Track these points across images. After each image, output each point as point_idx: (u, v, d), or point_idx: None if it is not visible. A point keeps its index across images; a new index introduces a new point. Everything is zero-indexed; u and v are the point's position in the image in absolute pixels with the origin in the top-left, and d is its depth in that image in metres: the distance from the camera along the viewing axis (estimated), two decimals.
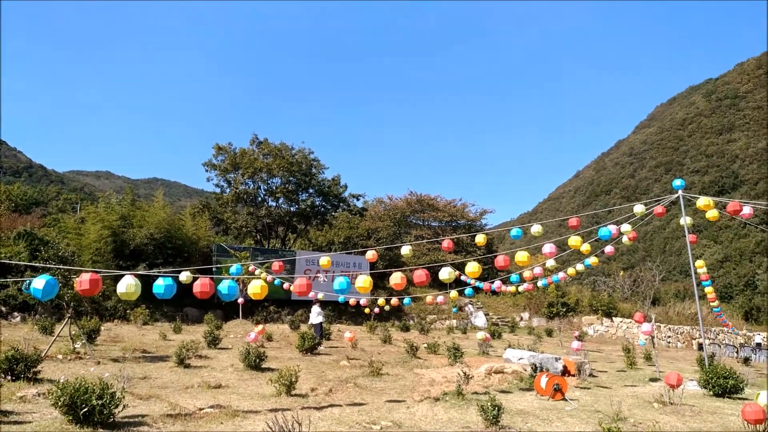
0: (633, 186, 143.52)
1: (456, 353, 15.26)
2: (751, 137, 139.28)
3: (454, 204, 45.27)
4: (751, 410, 8.10)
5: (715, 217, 15.11)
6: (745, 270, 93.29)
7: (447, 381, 12.25)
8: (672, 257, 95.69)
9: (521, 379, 12.98)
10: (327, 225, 37.79)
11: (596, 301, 34.09)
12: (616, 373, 16.53)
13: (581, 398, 11.37)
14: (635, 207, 16.29)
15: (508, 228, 15.82)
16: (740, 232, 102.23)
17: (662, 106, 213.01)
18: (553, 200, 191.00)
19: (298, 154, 34.54)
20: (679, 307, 37.15)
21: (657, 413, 10.09)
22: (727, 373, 12.49)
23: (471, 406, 9.52)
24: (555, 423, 8.91)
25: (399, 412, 9.23)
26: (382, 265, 32.71)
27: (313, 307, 18.90)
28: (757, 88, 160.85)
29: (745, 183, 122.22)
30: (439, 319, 31.63)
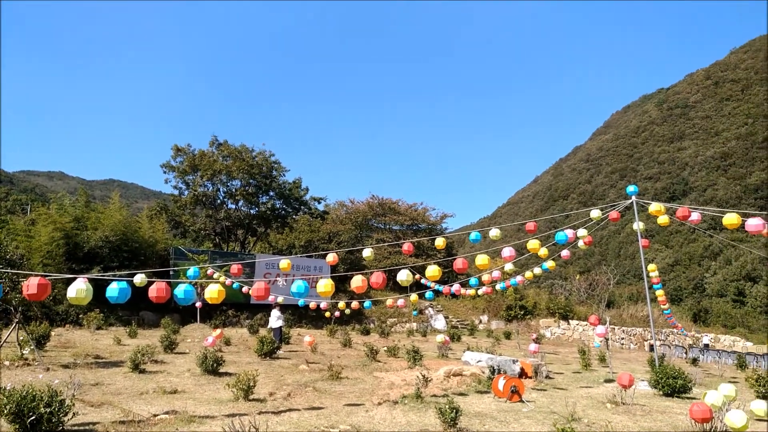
0: (590, 191, 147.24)
1: (415, 356, 15.34)
2: (699, 146, 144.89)
3: (415, 208, 45.56)
4: (698, 409, 8.40)
5: (665, 223, 15.64)
6: (694, 273, 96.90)
7: (406, 384, 12.29)
8: (626, 261, 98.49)
9: (479, 381, 13.13)
10: (288, 228, 37.48)
11: (553, 304, 34.81)
12: (571, 374, 16.89)
13: (538, 400, 11.58)
14: (591, 212, 16.71)
15: (468, 231, 15.98)
16: (690, 237, 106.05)
17: (617, 114, 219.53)
18: (512, 205, 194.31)
19: (258, 157, 34.16)
20: (633, 309, 38.31)
21: (610, 413, 10.36)
22: (676, 373, 12.93)
23: (430, 408, 9.58)
24: (512, 424, 9.05)
25: (358, 415, 9.21)
26: (343, 268, 32.66)
27: (273, 311, 18.70)
28: (706, 99, 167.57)
29: (694, 189, 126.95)
30: (400, 322, 31.74)
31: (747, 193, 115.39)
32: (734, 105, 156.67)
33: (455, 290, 19.36)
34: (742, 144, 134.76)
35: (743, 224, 11.76)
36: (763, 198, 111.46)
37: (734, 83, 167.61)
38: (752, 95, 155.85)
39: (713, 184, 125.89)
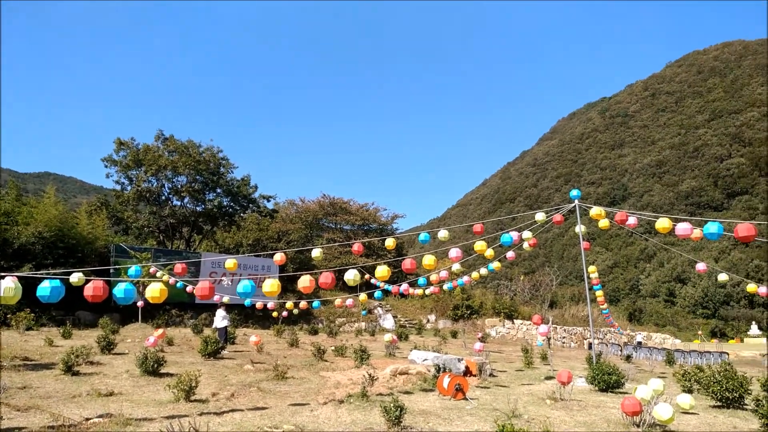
0: (536, 195, 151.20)
1: (362, 355, 15.37)
2: (638, 153, 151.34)
3: (366, 208, 45.59)
4: (629, 403, 8.79)
5: (606, 226, 16.23)
6: (631, 275, 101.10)
7: (353, 383, 12.30)
8: (569, 263, 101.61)
9: (425, 379, 13.27)
10: (235, 226, 36.80)
11: (499, 304, 35.52)
12: (514, 372, 17.30)
13: (481, 397, 11.80)
14: (536, 215, 17.17)
15: (418, 232, 16.14)
16: (627, 241, 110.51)
17: (563, 121, 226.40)
18: (461, 206, 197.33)
19: (206, 152, 33.39)
20: (574, 309, 39.54)
21: (549, 409, 10.68)
22: (611, 370, 13.46)
23: (375, 407, 9.62)
24: (455, 422, 9.19)
25: (302, 415, 9.16)
26: (292, 268, 32.32)
27: (218, 310, 18.34)
28: (644, 109, 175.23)
29: (632, 195, 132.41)
30: (349, 322, 31.71)
31: (679, 200, 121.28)
32: (669, 116, 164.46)
33: (404, 290, 19.50)
34: (675, 153, 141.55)
35: (674, 228, 12.35)
36: (693, 204, 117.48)
37: (669, 95, 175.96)
38: (685, 107, 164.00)
39: (649, 190, 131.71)
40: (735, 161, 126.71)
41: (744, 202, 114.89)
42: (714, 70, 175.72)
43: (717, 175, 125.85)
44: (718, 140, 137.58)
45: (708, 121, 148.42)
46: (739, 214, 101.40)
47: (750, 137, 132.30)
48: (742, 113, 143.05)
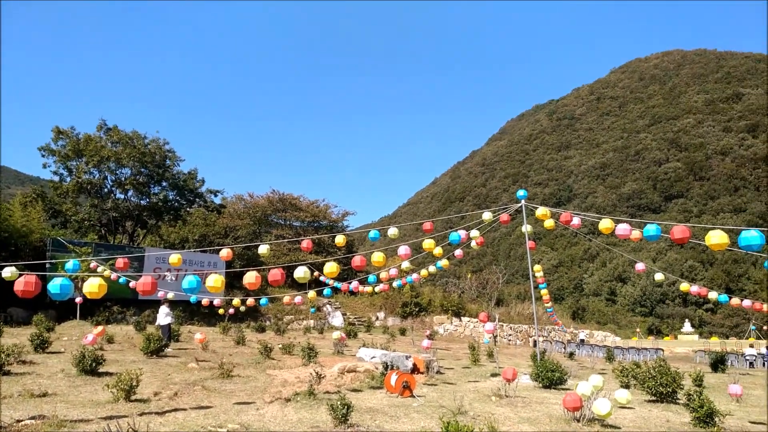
0: (484, 194, 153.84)
1: (310, 353, 15.25)
2: (583, 155, 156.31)
3: (317, 204, 45.28)
4: (570, 399, 9.06)
5: (551, 227, 16.64)
6: (575, 274, 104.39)
7: (300, 381, 12.19)
8: (516, 261, 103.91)
9: (373, 377, 13.29)
10: (181, 221, 35.83)
11: (447, 302, 35.96)
12: (461, 369, 17.56)
13: (428, 394, 11.91)
14: (484, 214, 17.45)
15: (368, 230, 16.13)
16: (572, 241, 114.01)
17: (512, 122, 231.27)
18: (412, 205, 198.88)
19: (151, 144, 32.34)
20: (520, 307, 40.48)
21: (494, 405, 10.88)
22: (554, 367, 13.85)
23: (322, 405, 9.56)
24: (402, 419, 9.23)
25: (248, 414, 9.01)
26: (240, 264, 31.77)
27: (162, 307, 17.82)
28: (589, 112, 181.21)
29: (577, 196, 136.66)
30: (297, 319, 31.42)
31: (621, 201, 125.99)
32: (613, 120, 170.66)
33: (353, 287, 19.48)
34: (618, 156, 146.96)
35: (615, 229, 12.79)
36: (633, 206, 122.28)
37: (613, 100, 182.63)
38: (627, 112, 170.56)
39: (593, 192, 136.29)
40: (672, 165, 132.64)
41: (680, 205, 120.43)
42: (654, 78, 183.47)
43: (656, 178, 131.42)
44: (657, 145, 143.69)
45: (648, 126, 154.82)
46: (676, 216, 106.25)
47: (686, 143, 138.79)
48: (680, 119, 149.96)
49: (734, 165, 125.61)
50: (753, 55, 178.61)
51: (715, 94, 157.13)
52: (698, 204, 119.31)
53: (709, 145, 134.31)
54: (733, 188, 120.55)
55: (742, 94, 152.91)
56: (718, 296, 17.74)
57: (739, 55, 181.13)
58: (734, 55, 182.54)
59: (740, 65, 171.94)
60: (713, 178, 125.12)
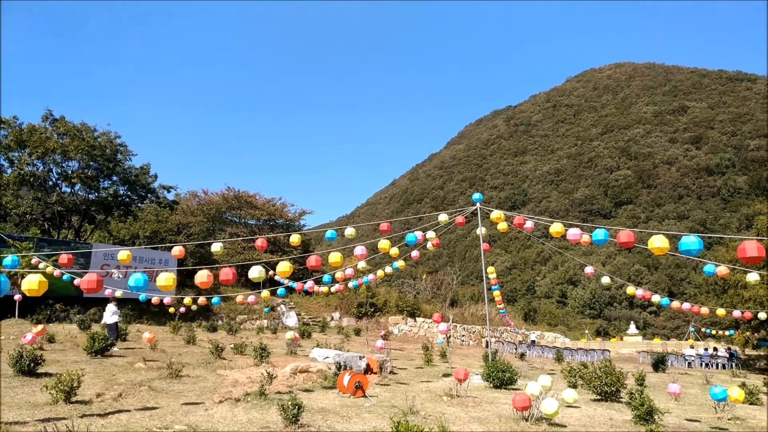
0: (442, 197, 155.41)
1: (263, 353, 15.04)
2: (538, 161, 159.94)
3: (273, 203, 44.73)
4: (519, 399, 9.23)
5: (504, 229, 16.92)
6: (528, 276, 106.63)
7: (251, 381, 12.01)
8: (470, 263, 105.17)
9: (325, 377, 13.22)
10: (132, 217, 34.79)
11: (402, 302, 36.11)
12: (414, 369, 17.64)
13: (381, 394, 11.92)
14: (440, 216, 17.62)
15: (324, 229, 16.05)
16: (526, 244, 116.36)
17: (471, 126, 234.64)
18: (370, 205, 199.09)
19: (101, 137, 31.27)
20: (474, 308, 40.95)
21: (445, 405, 10.98)
22: (504, 367, 14.08)
23: (273, 405, 9.44)
24: (353, 419, 9.21)
25: (196, 414, 8.81)
26: (192, 262, 31.08)
27: (109, 305, 17.24)
28: (545, 119, 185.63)
29: (532, 200, 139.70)
30: (250, 319, 30.95)
31: (573, 206, 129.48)
32: (567, 127, 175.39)
33: (308, 287, 19.33)
34: (571, 162, 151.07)
35: (566, 233, 13.11)
36: (585, 211, 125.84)
37: (568, 108, 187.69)
38: (582, 120, 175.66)
39: (547, 197, 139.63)
40: (622, 173, 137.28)
41: (629, 211, 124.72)
42: (607, 88, 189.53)
43: (607, 185, 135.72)
44: (608, 153, 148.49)
45: (601, 135, 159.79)
46: (624, 222, 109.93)
47: (636, 152, 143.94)
48: (630, 129, 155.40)
49: (679, 174, 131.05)
50: (698, 70, 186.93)
51: (663, 106, 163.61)
52: (646, 210, 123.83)
53: (657, 155, 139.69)
54: (677, 196, 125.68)
55: (688, 107, 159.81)
56: (661, 299, 18.44)
57: (686, 70, 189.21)
58: (681, 70, 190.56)
59: (686, 79, 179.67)
60: (660, 186, 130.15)
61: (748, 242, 8.38)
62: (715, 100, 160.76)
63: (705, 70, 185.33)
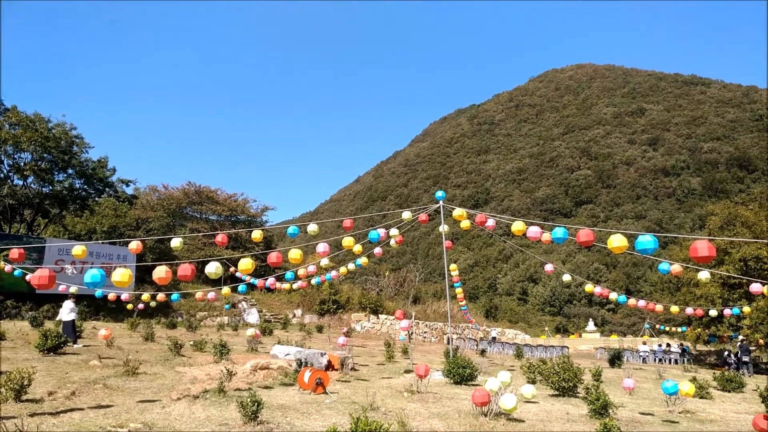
0: (406, 194, 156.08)
1: (222, 350, 14.83)
2: (501, 160, 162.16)
3: (235, 198, 44.14)
4: (479, 394, 9.37)
5: (467, 227, 17.09)
6: (490, 274, 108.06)
7: (210, 378, 11.85)
8: (433, 261, 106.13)
9: (286, 374, 13.14)
10: (88, 211, 33.81)
11: (365, 299, 36.13)
12: (376, 366, 17.68)
13: (341, 391, 11.91)
14: (403, 213, 17.70)
15: (287, 225, 15.94)
16: (488, 242, 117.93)
17: (435, 124, 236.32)
18: (334, 202, 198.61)
19: (56, 129, 30.25)
20: (436, 305, 41.31)
21: (406, 401, 11.05)
22: (465, 363, 14.25)
23: (232, 402, 9.35)
24: (314, 416, 9.19)
25: (152, 412, 8.65)
26: (151, 258, 30.41)
27: (66, 302, 16.73)
28: (508, 118, 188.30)
29: (494, 199, 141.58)
30: (211, 316, 30.50)
31: (535, 205, 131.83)
32: (530, 127, 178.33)
33: (270, 284, 19.17)
34: (533, 162, 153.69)
35: (527, 231, 13.34)
36: (546, 210, 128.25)
37: (531, 107, 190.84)
38: (544, 120, 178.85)
39: (510, 195, 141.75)
40: (583, 173, 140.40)
41: (589, 210, 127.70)
42: (569, 89, 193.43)
43: (568, 184, 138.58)
44: (570, 152, 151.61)
45: (562, 135, 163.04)
46: (584, 221, 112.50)
47: (596, 152, 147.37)
48: (590, 129, 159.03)
49: (637, 175, 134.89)
50: (655, 73, 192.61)
51: (622, 107, 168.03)
52: (605, 210, 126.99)
53: (616, 156, 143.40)
54: (635, 196, 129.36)
55: (645, 109, 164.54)
56: (618, 297, 18.95)
57: (643, 73, 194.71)
58: (639, 72, 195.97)
59: (644, 82, 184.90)
60: (619, 186, 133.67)
61: (700, 242, 8.69)
62: (671, 102, 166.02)
63: (662, 74, 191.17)
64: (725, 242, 30.62)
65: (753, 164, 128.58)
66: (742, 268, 30.14)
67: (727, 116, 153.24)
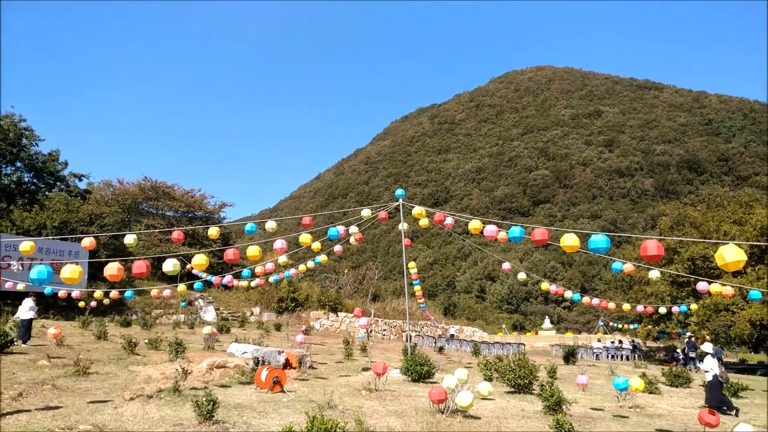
0: (367, 192, 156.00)
1: (178, 348, 14.57)
2: (461, 159, 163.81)
3: (192, 194, 43.29)
4: (435, 392, 9.49)
5: (426, 225, 17.26)
6: (449, 272, 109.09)
7: (165, 378, 11.64)
8: (394, 258, 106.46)
9: (243, 373, 13.01)
10: (38, 206, 32.54)
11: (325, 297, 35.96)
12: (334, 364, 17.68)
13: (299, 389, 11.89)
14: (362, 211, 17.73)
15: (245, 222, 15.73)
16: (447, 240, 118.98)
17: (397, 122, 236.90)
18: (294, 199, 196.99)
19: (4, 120, 29.09)
20: (395, 303, 41.44)
21: (364, 399, 11.10)
22: (423, 361, 14.40)
23: (188, 402, 9.23)
24: (270, 415, 9.15)
25: (104, 413, 8.46)
26: (105, 254, 29.55)
27: (26, 299, 16.14)
28: (469, 118, 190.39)
29: (454, 198, 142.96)
30: (166, 313, 29.82)
31: (494, 204, 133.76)
32: (490, 127, 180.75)
33: (227, 281, 18.91)
34: (493, 161, 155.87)
35: (484, 230, 13.54)
36: (505, 209, 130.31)
37: (491, 108, 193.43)
38: (503, 120, 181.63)
39: (469, 194, 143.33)
40: (541, 173, 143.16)
41: (546, 210, 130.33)
42: (528, 90, 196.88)
43: (526, 184, 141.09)
44: (528, 153, 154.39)
45: (521, 135, 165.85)
46: (542, 220, 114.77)
47: (554, 152, 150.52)
48: (549, 130, 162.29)
49: (593, 175, 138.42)
50: (612, 76, 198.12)
51: (580, 109, 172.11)
52: (562, 209, 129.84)
53: (573, 156, 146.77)
54: (591, 196, 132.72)
55: (602, 111, 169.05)
56: (573, 295, 19.45)
57: (600, 76, 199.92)
58: (596, 76, 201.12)
59: (601, 85, 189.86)
60: (575, 186, 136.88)
61: (650, 241, 8.99)
62: (626, 106, 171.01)
63: (618, 77, 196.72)
64: (675, 242, 31.83)
65: (702, 167, 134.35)
66: (690, 267, 31.40)
67: (678, 120, 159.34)
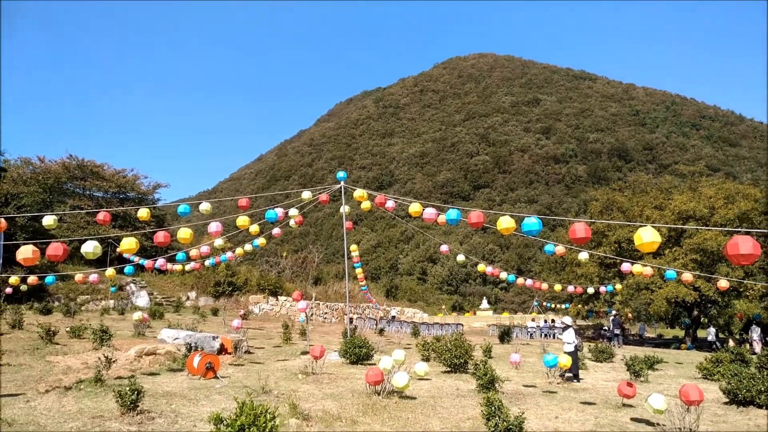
0: (310, 174, 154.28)
1: (103, 336, 13.80)
2: (405, 143, 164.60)
3: (123, 174, 41.35)
4: (372, 374, 9.37)
5: (367, 208, 17.04)
6: (391, 254, 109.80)
7: (87, 367, 10.99)
8: (337, 242, 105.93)
9: (174, 359, 12.50)
10: None
11: (264, 281, 35.28)
12: (272, 348, 17.32)
13: (233, 375, 11.52)
14: (303, 193, 17.34)
15: (178, 203, 15.03)
16: (391, 223, 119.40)
17: (341, 105, 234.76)
18: (234, 180, 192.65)
19: None
20: (337, 286, 41.20)
21: (300, 383, 10.87)
22: (361, 343, 14.28)
23: (111, 392, 8.69)
24: (202, 402, 8.80)
25: (14, 407, 7.86)
26: (24, 237, 27.78)
27: None
28: (413, 103, 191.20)
29: (398, 181, 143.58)
30: (94, 299, 28.41)
31: (436, 188, 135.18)
32: (433, 112, 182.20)
33: (160, 265, 18.14)
34: (436, 146, 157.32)
35: (423, 213, 13.49)
36: (447, 193, 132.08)
37: (435, 93, 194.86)
38: (446, 106, 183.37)
39: (412, 178, 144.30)
40: (481, 158, 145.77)
41: (486, 194, 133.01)
42: (471, 77, 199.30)
43: (467, 169, 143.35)
44: (470, 138, 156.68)
45: (463, 121, 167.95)
46: (481, 204, 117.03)
47: (494, 139, 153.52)
48: (490, 117, 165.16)
49: (531, 161, 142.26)
50: (550, 66, 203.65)
51: (519, 97, 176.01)
52: (501, 194, 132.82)
53: (512, 143, 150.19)
54: (529, 182, 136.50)
55: (540, 99, 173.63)
56: (508, 276, 19.80)
57: (539, 65, 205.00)
58: (535, 65, 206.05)
59: (539, 74, 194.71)
60: (514, 171, 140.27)
61: (578, 224, 9.13)
62: (563, 95, 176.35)
63: (555, 67, 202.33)
64: (603, 225, 33.13)
65: (629, 155, 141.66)
66: (616, 250, 32.85)
67: (609, 110, 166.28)
